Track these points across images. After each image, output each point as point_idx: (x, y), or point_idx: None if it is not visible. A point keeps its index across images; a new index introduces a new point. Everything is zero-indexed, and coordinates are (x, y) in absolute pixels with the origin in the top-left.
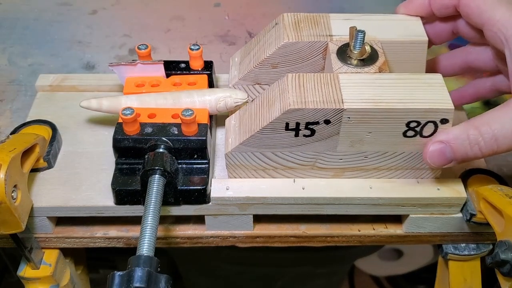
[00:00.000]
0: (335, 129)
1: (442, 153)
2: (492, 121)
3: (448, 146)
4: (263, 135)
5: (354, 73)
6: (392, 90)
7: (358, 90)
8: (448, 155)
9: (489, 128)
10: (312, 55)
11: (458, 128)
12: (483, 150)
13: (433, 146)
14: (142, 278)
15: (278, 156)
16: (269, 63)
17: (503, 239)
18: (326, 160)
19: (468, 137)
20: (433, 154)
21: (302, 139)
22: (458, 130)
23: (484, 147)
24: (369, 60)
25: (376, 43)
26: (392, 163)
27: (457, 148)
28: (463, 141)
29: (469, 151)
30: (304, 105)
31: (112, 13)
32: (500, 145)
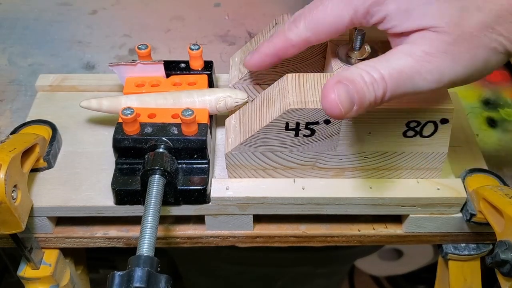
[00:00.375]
0: (335, 129)
1: (348, 94)
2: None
3: (352, 86)
4: (263, 135)
5: None
6: None
7: None
8: (353, 97)
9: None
10: (312, 55)
11: (350, 69)
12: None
13: (338, 89)
14: (142, 278)
15: (278, 156)
16: None
17: (503, 239)
18: (326, 160)
19: (363, 78)
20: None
21: (302, 139)
22: (353, 71)
23: (378, 88)
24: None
25: (376, 43)
26: (392, 163)
27: (360, 88)
28: (361, 81)
29: (367, 92)
30: (304, 105)
31: (112, 13)
32: (390, 87)
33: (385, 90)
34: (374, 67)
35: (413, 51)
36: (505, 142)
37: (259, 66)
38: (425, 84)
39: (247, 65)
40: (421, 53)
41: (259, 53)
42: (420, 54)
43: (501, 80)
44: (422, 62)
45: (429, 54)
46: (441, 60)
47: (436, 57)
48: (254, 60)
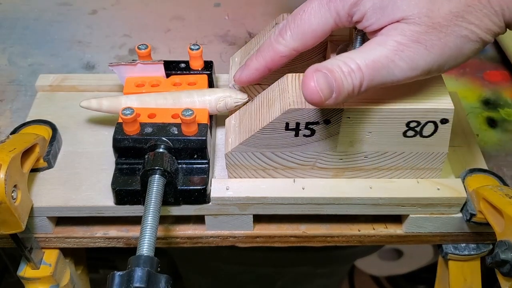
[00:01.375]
0: (335, 129)
1: (328, 83)
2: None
3: (330, 75)
4: (263, 135)
5: None
6: (391, 90)
7: None
8: (331, 85)
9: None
10: (312, 55)
11: (329, 61)
12: (355, 82)
13: (317, 77)
14: (142, 278)
15: (278, 156)
16: None
17: (503, 239)
18: (326, 160)
19: (341, 68)
20: (321, 85)
21: (302, 139)
22: (332, 62)
23: (355, 78)
24: None
25: None
26: (392, 163)
27: (338, 78)
28: (339, 71)
29: (345, 82)
30: (304, 105)
31: (112, 13)
32: (366, 76)
33: (362, 79)
34: (350, 57)
35: (387, 42)
36: (505, 142)
37: (249, 81)
38: (400, 72)
39: (237, 82)
40: (393, 43)
41: (249, 69)
42: (393, 44)
43: (501, 80)
44: (396, 51)
45: (401, 44)
46: (414, 49)
47: (408, 47)
48: (244, 76)
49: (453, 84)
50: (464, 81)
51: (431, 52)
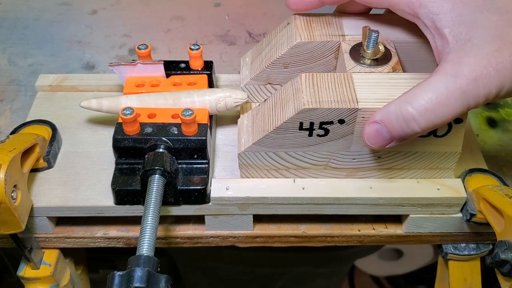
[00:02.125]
0: (349, 129)
1: (378, 133)
2: (424, 92)
3: (383, 126)
4: (277, 135)
5: (367, 72)
6: (406, 90)
7: (372, 89)
8: (385, 134)
9: (422, 99)
10: (324, 55)
11: (392, 104)
12: (421, 124)
13: (369, 127)
14: (142, 278)
15: (291, 156)
16: (281, 63)
17: (503, 239)
18: (339, 160)
19: (402, 113)
20: (370, 135)
21: (315, 139)
22: (393, 107)
23: (421, 120)
24: (383, 60)
25: (389, 43)
26: (405, 163)
27: (393, 127)
28: (398, 118)
29: (406, 128)
30: (318, 104)
31: (112, 13)
32: (439, 114)
33: (429, 121)
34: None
35: (460, 72)
36: (505, 142)
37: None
38: (475, 100)
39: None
40: (468, 73)
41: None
42: (468, 73)
43: None
44: (470, 81)
45: (476, 72)
46: (487, 76)
47: (482, 75)
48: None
49: None
50: None
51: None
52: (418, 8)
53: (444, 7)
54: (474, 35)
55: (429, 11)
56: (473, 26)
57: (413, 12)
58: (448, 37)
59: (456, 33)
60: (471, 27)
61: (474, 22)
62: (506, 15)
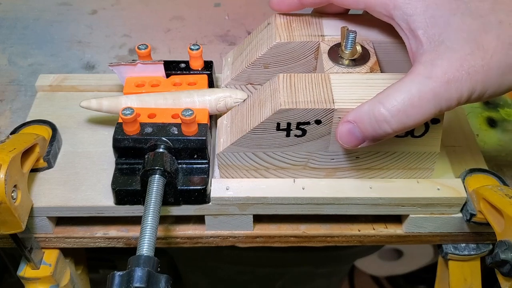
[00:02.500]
0: (326, 129)
1: (351, 133)
2: (397, 93)
3: (356, 126)
4: (255, 135)
5: (345, 73)
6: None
7: (349, 90)
8: (357, 134)
9: (395, 100)
10: (304, 55)
11: (366, 105)
12: (393, 125)
13: (342, 127)
14: (142, 278)
15: (269, 156)
16: (261, 63)
17: (503, 239)
18: (318, 160)
19: (374, 114)
20: (343, 135)
21: (293, 139)
22: (366, 107)
23: (393, 122)
24: (361, 60)
25: (368, 43)
26: (384, 163)
27: (365, 127)
28: (370, 119)
29: (377, 129)
30: (295, 105)
31: (112, 13)
32: (411, 116)
33: (402, 122)
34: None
35: (433, 73)
36: (505, 142)
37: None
38: (447, 103)
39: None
40: (441, 75)
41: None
42: (441, 76)
43: None
44: (443, 84)
45: (448, 74)
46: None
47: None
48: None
49: None
50: None
51: (472, 79)
52: (393, 9)
53: (418, 8)
54: (447, 37)
55: (403, 13)
56: (447, 29)
57: (388, 13)
58: (421, 38)
59: (429, 34)
60: (444, 29)
61: (448, 25)
62: (480, 19)
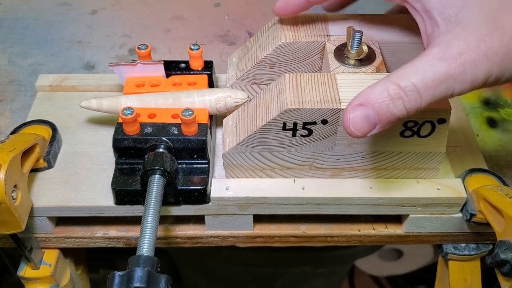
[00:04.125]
0: (333, 129)
1: (365, 117)
2: (410, 73)
3: (370, 108)
4: (261, 135)
5: (351, 73)
6: None
7: (355, 90)
8: (372, 118)
9: (409, 81)
10: (310, 55)
11: (377, 86)
12: (407, 105)
13: (354, 112)
14: (142, 278)
15: (275, 156)
16: (266, 63)
17: (503, 239)
18: (323, 160)
19: (389, 93)
20: (356, 121)
21: (299, 139)
22: (378, 88)
23: (408, 101)
24: (367, 60)
25: (374, 43)
26: (390, 163)
27: (381, 108)
28: (384, 99)
29: (393, 108)
30: (301, 105)
31: (112, 13)
32: (424, 97)
33: (418, 101)
34: (404, 77)
35: (448, 54)
36: (505, 142)
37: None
38: (460, 86)
39: (275, 10)
40: (456, 56)
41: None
42: (456, 57)
43: None
44: (458, 66)
45: (464, 56)
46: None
47: (471, 59)
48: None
49: None
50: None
51: (489, 62)
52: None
53: None
54: (464, 17)
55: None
56: (463, 8)
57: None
58: (437, 19)
59: (446, 15)
60: (461, 9)
61: (465, 3)
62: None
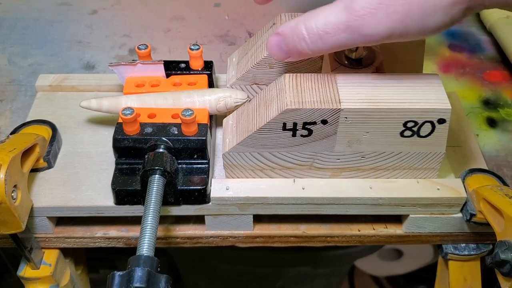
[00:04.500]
0: (333, 129)
1: (278, 45)
2: (318, 17)
3: (282, 38)
4: (261, 135)
5: (351, 73)
6: (389, 90)
7: (355, 90)
8: (283, 47)
9: (314, 23)
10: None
11: (294, 20)
12: (310, 46)
13: (271, 37)
14: (142, 278)
15: (275, 156)
16: (266, 63)
17: (503, 239)
18: (323, 160)
19: (296, 31)
20: (271, 45)
21: (299, 139)
22: (293, 23)
23: (310, 43)
24: (367, 60)
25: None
26: (389, 163)
27: (288, 42)
28: (293, 35)
29: (298, 46)
30: (301, 105)
31: (112, 13)
32: (325, 41)
33: (318, 44)
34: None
35: (352, 5)
36: (505, 142)
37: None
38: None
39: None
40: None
41: None
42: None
43: (501, 80)
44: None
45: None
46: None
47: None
48: None
49: (453, 84)
50: (464, 81)
51: (390, 19)
52: None
53: None
54: None
55: None
56: None
57: None
58: None
59: None
60: None
61: None
62: None
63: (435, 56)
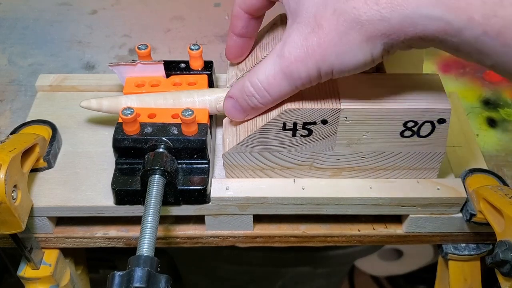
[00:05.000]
0: (333, 129)
1: (234, 107)
2: (259, 71)
3: (234, 100)
4: (261, 135)
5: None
6: (389, 90)
7: (355, 90)
8: (238, 108)
9: (256, 79)
10: None
11: (241, 81)
12: (260, 100)
13: (226, 101)
14: (142, 278)
15: (275, 156)
16: None
17: (503, 239)
18: (323, 160)
19: (244, 90)
20: (227, 109)
21: (299, 139)
22: (240, 83)
23: (259, 97)
24: None
25: None
26: (389, 163)
27: (241, 102)
28: (242, 95)
29: (250, 103)
30: (301, 105)
31: (112, 13)
32: (272, 93)
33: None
34: (253, 79)
35: (283, 53)
36: (505, 142)
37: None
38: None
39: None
40: (288, 55)
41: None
42: (287, 55)
43: (501, 80)
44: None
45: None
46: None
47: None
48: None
49: (453, 84)
50: (464, 81)
51: (312, 58)
52: None
53: None
54: (300, 13)
55: None
56: (301, 3)
57: None
58: (287, 11)
59: (290, 7)
60: (299, 4)
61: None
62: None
63: (435, 56)
